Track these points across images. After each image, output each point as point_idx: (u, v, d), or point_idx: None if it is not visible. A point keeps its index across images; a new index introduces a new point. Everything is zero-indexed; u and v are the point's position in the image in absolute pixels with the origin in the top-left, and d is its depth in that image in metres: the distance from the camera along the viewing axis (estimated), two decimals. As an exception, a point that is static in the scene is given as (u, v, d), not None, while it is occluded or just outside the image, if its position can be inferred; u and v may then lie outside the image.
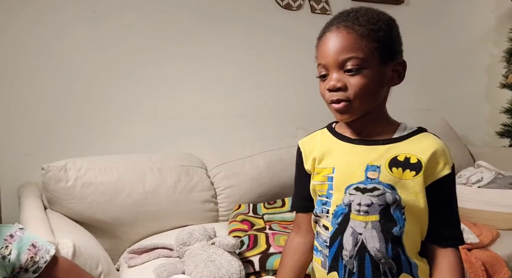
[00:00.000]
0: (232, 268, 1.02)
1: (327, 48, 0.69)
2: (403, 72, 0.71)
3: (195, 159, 1.65)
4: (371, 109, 0.71)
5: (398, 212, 0.68)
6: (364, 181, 0.69)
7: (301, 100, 2.02)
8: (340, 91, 0.68)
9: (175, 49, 1.76)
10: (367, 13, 0.69)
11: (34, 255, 0.64)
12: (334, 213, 0.71)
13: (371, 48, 0.66)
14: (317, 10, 2.01)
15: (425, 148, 0.69)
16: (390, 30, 0.70)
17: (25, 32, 1.52)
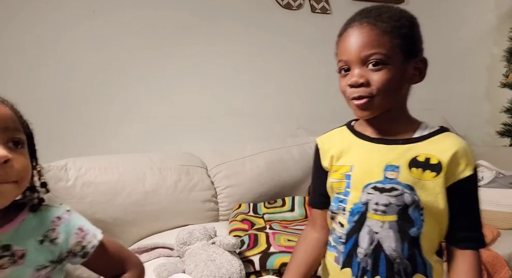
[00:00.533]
0: (232, 268, 1.01)
1: (349, 44, 0.69)
2: (424, 70, 0.71)
3: (195, 158, 1.65)
4: (392, 107, 0.70)
5: (417, 213, 0.67)
6: (383, 180, 0.68)
7: (302, 99, 2.02)
8: (362, 87, 0.67)
9: (175, 48, 1.76)
10: (389, 10, 0.69)
11: (82, 239, 0.61)
12: (350, 210, 0.71)
13: (394, 44, 0.66)
14: (317, 9, 2.01)
15: (446, 148, 0.68)
16: (412, 27, 0.70)
17: (24, 31, 1.52)
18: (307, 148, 1.73)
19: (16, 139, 0.56)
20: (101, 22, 1.62)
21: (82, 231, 0.62)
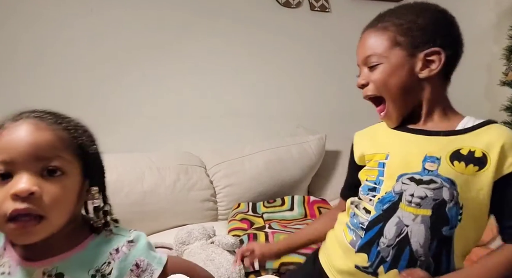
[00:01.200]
0: (231, 268, 1.01)
1: (357, 48, 0.75)
2: (438, 61, 0.68)
3: (194, 157, 1.64)
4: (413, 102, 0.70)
5: (454, 210, 0.64)
6: (421, 171, 0.65)
7: (301, 98, 2.02)
8: (365, 87, 0.72)
9: (173, 47, 1.75)
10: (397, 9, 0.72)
11: (137, 277, 0.56)
12: (381, 198, 0.68)
13: (389, 43, 0.69)
14: (316, 7, 2.00)
15: (493, 141, 0.64)
16: (420, 21, 0.68)
17: (21, 30, 1.51)
18: (306, 147, 1.73)
19: (51, 168, 0.52)
20: (99, 21, 1.62)
21: (138, 268, 0.57)
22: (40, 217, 0.51)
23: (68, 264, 0.54)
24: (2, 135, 0.53)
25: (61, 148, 0.54)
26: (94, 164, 0.60)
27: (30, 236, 0.51)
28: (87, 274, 0.54)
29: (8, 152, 0.51)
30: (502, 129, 0.67)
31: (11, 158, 0.51)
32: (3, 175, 0.51)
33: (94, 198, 0.59)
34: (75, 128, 0.58)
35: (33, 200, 0.50)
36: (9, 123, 0.55)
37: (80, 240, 0.56)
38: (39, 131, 0.53)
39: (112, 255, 0.56)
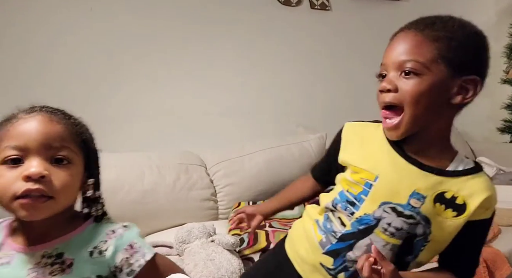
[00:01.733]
0: (231, 267, 1.01)
1: (391, 48, 0.67)
2: (473, 90, 0.64)
3: (194, 156, 1.64)
4: (427, 125, 0.65)
5: (420, 243, 0.68)
6: (405, 205, 0.66)
7: (301, 97, 2.01)
8: (390, 92, 0.64)
9: (173, 46, 1.75)
10: (448, 21, 0.65)
11: (130, 256, 0.60)
12: (359, 218, 0.69)
13: (436, 55, 0.62)
14: (316, 6, 2.00)
15: (477, 192, 0.65)
16: (469, 42, 0.64)
17: (21, 29, 1.51)
18: (306, 146, 1.73)
19: (59, 157, 0.58)
20: (100, 21, 1.61)
21: (132, 248, 0.61)
22: (48, 198, 0.56)
23: (68, 244, 0.59)
24: (16, 124, 0.59)
25: (69, 140, 0.60)
26: (93, 158, 0.65)
27: (38, 211, 0.56)
28: (86, 251, 0.59)
29: (23, 138, 0.57)
30: (487, 182, 0.68)
31: (25, 144, 0.56)
32: (14, 160, 0.56)
33: (89, 189, 0.64)
34: (80, 125, 0.64)
35: (43, 183, 0.55)
36: (22, 114, 0.61)
37: (76, 225, 0.62)
38: (52, 124, 0.59)
39: (108, 234, 0.61)
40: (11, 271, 0.58)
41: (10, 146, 0.56)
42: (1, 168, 0.56)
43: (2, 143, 0.57)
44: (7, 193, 0.55)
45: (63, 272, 0.57)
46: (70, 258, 0.58)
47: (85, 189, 0.63)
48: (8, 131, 0.58)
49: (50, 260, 0.58)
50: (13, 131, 0.57)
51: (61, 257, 0.58)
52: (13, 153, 0.56)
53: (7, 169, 0.56)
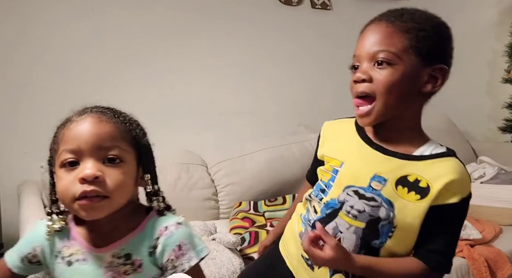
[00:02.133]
0: (232, 267, 1.01)
1: (363, 39, 0.68)
2: (441, 79, 0.67)
3: (195, 156, 1.64)
4: (397, 114, 0.67)
5: (387, 228, 0.67)
6: (366, 188, 0.68)
7: (302, 97, 2.01)
8: (364, 82, 0.66)
9: (174, 45, 1.75)
10: (415, 12, 0.68)
11: (175, 258, 0.60)
12: (326, 203, 0.72)
13: (407, 45, 0.64)
14: (317, 5, 2.00)
15: (442, 175, 0.65)
16: (436, 33, 0.67)
17: (22, 29, 1.51)
18: (307, 145, 1.72)
19: (110, 156, 0.60)
20: (100, 20, 1.61)
21: (179, 250, 0.60)
22: (104, 197, 0.58)
23: (132, 244, 0.61)
24: (70, 128, 0.61)
25: (120, 138, 0.62)
26: (146, 153, 0.67)
27: (96, 211, 0.58)
28: (147, 252, 0.61)
29: (76, 142, 0.59)
30: (455, 165, 0.67)
31: (79, 147, 0.59)
32: (71, 162, 0.59)
33: (147, 184, 0.65)
34: (129, 122, 0.65)
35: (98, 183, 0.57)
36: (75, 117, 0.63)
37: (138, 222, 0.63)
38: (101, 124, 0.61)
39: (161, 231, 0.61)
40: (89, 268, 0.61)
41: (66, 149, 0.59)
42: (61, 171, 0.59)
43: (60, 147, 0.60)
44: (67, 196, 0.58)
45: (135, 271, 0.60)
46: (138, 259, 0.61)
47: (143, 185, 0.65)
48: (64, 135, 0.60)
49: (121, 260, 0.60)
50: (68, 135, 0.60)
51: (130, 258, 0.61)
52: (69, 156, 0.59)
53: (66, 172, 0.59)
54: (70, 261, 0.62)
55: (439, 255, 0.68)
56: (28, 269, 0.66)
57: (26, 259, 0.65)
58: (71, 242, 0.63)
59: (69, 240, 0.64)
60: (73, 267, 0.61)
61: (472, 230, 1.38)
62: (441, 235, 0.67)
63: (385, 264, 0.68)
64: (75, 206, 0.58)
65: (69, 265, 0.62)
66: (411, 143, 0.69)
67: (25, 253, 0.66)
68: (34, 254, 0.65)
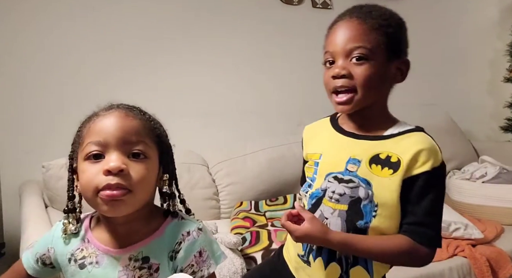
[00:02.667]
0: (233, 267, 1.01)
1: (336, 36, 0.71)
2: (406, 71, 0.73)
3: (196, 156, 1.64)
4: (372, 103, 0.72)
5: (369, 207, 0.70)
6: (343, 171, 0.72)
7: (303, 96, 2.01)
8: (344, 78, 0.69)
9: (175, 44, 1.75)
10: (380, 9, 0.72)
11: (196, 264, 0.61)
12: (311, 194, 0.76)
13: (379, 41, 0.69)
14: (318, 4, 1.99)
15: (409, 147, 0.68)
16: (399, 28, 0.72)
17: (23, 28, 1.51)
18: (308, 145, 1.72)
19: (135, 151, 0.60)
20: (101, 19, 1.61)
21: (200, 256, 0.62)
22: (128, 191, 0.57)
23: (151, 248, 0.61)
24: (96, 121, 0.61)
25: (145, 135, 0.62)
26: (168, 153, 0.67)
27: (119, 206, 0.57)
28: (167, 256, 0.61)
29: (102, 134, 0.59)
30: (422, 137, 0.70)
31: (105, 139, 0.59)
32: (96, 155, 0.59)
33: (165, 184, 0.65)
34: (154, 121, 0.66)
35: (122, 176, 0.57)
36: (102, 111, 0.63)
37: (157, 225, 0.63)
38: (128, 119, 0.61)
39: (183, 236, 0.62)
40: (102, 271, 0.60)
41: (92, 141, 0.59)
42: (85, 164, 0.59)
43: (85, 140, 0.60)
44: (90, 187, 0.57)
45: (151, 276, 0.60)
46: (156, 263, 0.60)
47: (161, 185, 0.64)
48: (89, 129, 0.60)
49: (138, 264, 0.60)
50: (94, 128, 0.60)
51: (147, 261, 0.60)
52: (94, 148, 0.59)
53: (90, 164, 0.59)
54: (82, 264, 0.61)
55: (422, 227, 0.68)
56: (42, 271, 0.66)
57: (40, 260, 0.66)
58: (85, 244, 0.63)
59: (83, 242, 0.63)
60: (85, 270, 0.61)
61: (474, 230, 1.38)
62: (419, 206, 0.68)
63: (367, 240, 0.69)
64: (97, 199, 0.57)
65: (81, 268, 0.61)
66: (381, 127, 0.74)
67: (40, 254, 0.66)
68: (48, 255, 0.65)
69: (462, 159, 1.91)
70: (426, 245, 0.68)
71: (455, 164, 1.88)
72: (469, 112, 2.37)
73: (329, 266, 0.73)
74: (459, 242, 1.35)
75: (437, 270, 1.23)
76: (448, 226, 1.36)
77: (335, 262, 0.73)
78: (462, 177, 1.75)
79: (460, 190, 1.67)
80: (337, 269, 0.73)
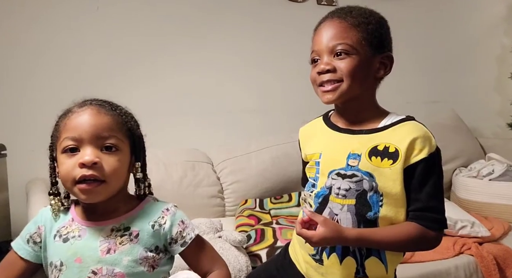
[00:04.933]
0: (238, 265, 1.01)
1: (320, 35, 0.77)
2: (390, 65, 0.77)
3: (200, 154, 1.64)
4: (357, 95, 0.75)
5: (375, 198, 0.73)
6: (345, 167, 0.75)
7: (307, 94, 1.98)
8: (329, 73, 0.74)
9: (180, 43, 1.75)
10: (360, 9, 0.77)
11: (183, 230, 0.72)
12: (316, 193, 0.78)
13: (360, 37, 0.73)
14: (323, 1, 1.98)
15: (404, 136, 0.72)
16: (380, 25, 0.76)
17: (27, 28, 1.52)
18: (313, 142, 1.72)
19: (107, 145, 0.67)
20: (105, 19, 1.62)
21: (183, 224, 0.73)
22: (101, 181, 0.65)
23: (132, 219, 0.70)
24: (71, 118, 0.68)
25: (116, 129, 0.69)
26: (139, 143, 0.74)
27: (95, 194, 0.65)
28: (148, 225, 0.71)
29: (77, 130, 0.66)
30: (415, 125, 0.74)
31: (80, 135, 0.66)
32: (72, 149, 0.66)
33: (138, 171, 0.72)
34: (125, 114, 0.72)
35: (96, 168, 0.64)
36: (76, 108, 0.70)
37: (136, 204, 0.73)
38: (100, 116, 0.68)
39: (164, 212, 0.73)
40: (84, 242, 0.68)
41: (68, 137, 0.66)
42: (63, 156, 0.67)
43: (61, 135, 0.67)
44: (68, 179, 0.65)
45: (131, 241, 0.68)
46: (136, 230, 0.69)
47: (134, 172, 0.73)
48: (65, 125, 0.68)
49: (119, 233, 0.69)
50: (70, 124, 0.67)
51: (128, 230, 0.69)
52: (70, 143, 0.66)
53: (67, 157, 0.66)
54: (66, 238, 0.68)
55: (428, 212, 0.72)
56: (33, 252, 0.71)
57: (31, 240, 0.71)
58: (70, 222, 0.70)
59: (69, 221, 0.71)
60: (68, 243, 0.68)
61: (481, 228, 1.37)
62: (422, 192, 0.72)
63: (379, 232, 0.72)
64: (75, 189, 0.65)
65: (64, 241, 0.68)
66: (373, 120, 0.77)
67: (30, 233, 0.71)
68: (39, 233, 0.71)
69: (468, 156, 1.89)
70: (433, 228, 0.72)
71: (462, 162, 1.86)
72: (476, 109, 2.34)
73: (345, 261, 0.75)
74: (465, 240, 1.34)
75: (443, 268, 1.22)
76: (455, 224, 1.35)
77: (349, 256, 0.75)
78: (469, 174, 1.73)
79: (467, 187, 1.66)
80: (352, 263, 0.75)
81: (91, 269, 0.65)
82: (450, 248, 1.29)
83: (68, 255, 0.66)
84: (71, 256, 0.66)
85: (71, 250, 0.67)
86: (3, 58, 1.50)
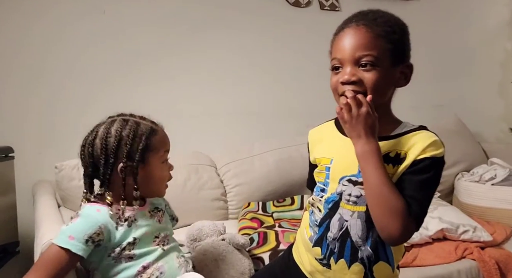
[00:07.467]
0: (241, 268, 1.02)
1: (344, 43, 0.73)
2: (410, 75, 0.76)
3: (204, 157, 1.66)
4: (376, 106, 0.73)
5: None
6: (357, 174, 0.74)
7: (310, 97, 2.01)
8: (353, 85, 0.72)
9: (183, 46, 1.77)
10: (384, 15, 0.75)
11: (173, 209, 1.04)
12: (327, 199, 0.78)
13: (385, 48, 0.71)
14: (326, 7, 2.00)
15: (416, 142, 0.71)
16: (403, 34, 0.75)
17: (32, 32, 1.55)
18: (316, 146, 1.72)
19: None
20: (110, 22, 1.64)
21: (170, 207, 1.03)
22: None
23: (153, 203, 0.93)
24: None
25: None
26: None
27: None
28: (164, 206, 0.98)
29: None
30: (428, 134, 0.73)
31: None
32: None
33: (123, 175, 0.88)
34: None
35: None
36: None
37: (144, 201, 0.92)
38: None
39: (165, 200, 1.00)
40: (143, 222, 0.86)
41: (162, 154, 0.94)
42: (161, 166, 0.92)
43: (160, 148, 0.95)
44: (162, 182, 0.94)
45: (163, 215, 0.94)
46: (160, 208, 0.94)
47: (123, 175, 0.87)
48: (155, 142, 0.93)
49: (154, 212, 0.91)
50: (160, 142, 0.95)
51: (158, 208, 0.93)
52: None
53: (164, 165, 0.93)
54: (129, 223, 0.84)
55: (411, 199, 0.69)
56: (91, 251, 0.78)
57: (90, 239, 0.77)
58: (122, 212, 0.84)
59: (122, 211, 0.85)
60: (133, 226, 0.84)
61: (483, 232, 1.37)
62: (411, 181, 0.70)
63: (383, 177, 0.69)
64: (162, 189, 0.95)
65: (129, 226, 0.83)
66: (387, 127, 0.76)
67: (90, 234, 0.77)
68: (100, 232, 0.78)
69: (471, 161, 1.89)
70: (413, 216, 0.69)
71: (464, 166, 1.86)
72: (478, 113, 2.34)
73: (353, 266, 0.76)
74: (467, 244, 1.34)
75: (445, 272, 1.22)
76: (457, 228, 1.35)
77: (357, 262, 0.75)
78: (471, 179, 1.73)
79: (469, 192, 1.66)
80: (360, 268, 0.76)
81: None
82: (452, 252, 1.30)
83: None
84: None
85: (139, 229, 0.85)
86: (10, 61, 1.53)
